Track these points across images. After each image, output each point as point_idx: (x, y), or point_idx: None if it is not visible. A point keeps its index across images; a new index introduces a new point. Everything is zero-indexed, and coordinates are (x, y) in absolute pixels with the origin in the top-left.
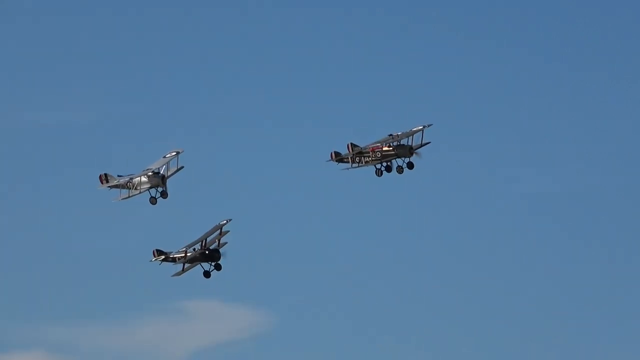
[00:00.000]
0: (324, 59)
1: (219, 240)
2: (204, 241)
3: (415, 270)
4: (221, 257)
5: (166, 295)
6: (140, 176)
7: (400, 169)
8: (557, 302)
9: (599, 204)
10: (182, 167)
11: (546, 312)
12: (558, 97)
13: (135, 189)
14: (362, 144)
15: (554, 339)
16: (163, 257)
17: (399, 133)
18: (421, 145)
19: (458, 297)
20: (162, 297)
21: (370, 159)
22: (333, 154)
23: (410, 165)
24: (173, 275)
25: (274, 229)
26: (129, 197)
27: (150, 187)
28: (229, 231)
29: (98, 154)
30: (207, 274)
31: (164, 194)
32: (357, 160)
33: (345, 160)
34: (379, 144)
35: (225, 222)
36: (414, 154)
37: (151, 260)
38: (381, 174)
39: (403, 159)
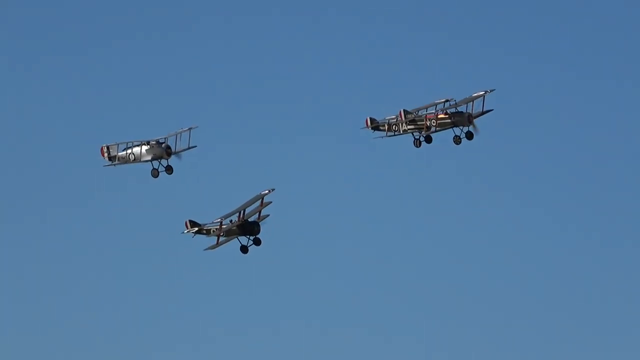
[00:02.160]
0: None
1: (259, 212)
2: (242, 212)
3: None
4: (260, 231)
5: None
6: (142, 145)
7: (457, 140)
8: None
9: None
10: (195, 147)
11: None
12: None
13: (136, 160)
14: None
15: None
16: (197, 228)
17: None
18: (482, 113)
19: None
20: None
21: (423, 126)
22: (368, 120)
23: (470, 136)
24: (206, 249)
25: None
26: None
27: (153, 159)
28: (271, 202)
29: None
30: (244, 249)
31: (168, 169)
32: (394, 129)
33: (381, 127)
34: (433, 112)
35: (267, 191)
36: (473, 124)
37: (183, 232)
38: (420, 144)
39: (461, 128)
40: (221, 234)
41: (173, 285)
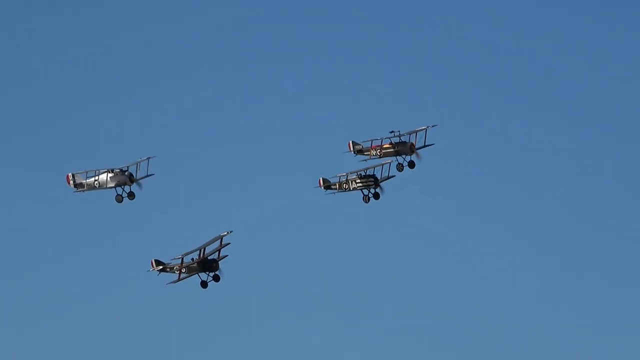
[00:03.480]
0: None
1: (219, 252)
2: (202, 250)
3: None
4: (219, 268)
5: None
6: (107, 173)
7: (400, 167)
8: None
9: None
10: (152, 175)
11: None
12: None
13: (101, 187)
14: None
15: None
16: (161, 267)
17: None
18: (424, 146)
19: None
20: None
21: (369, 156)
22: (321, 181)
23: (411, 165)
24: (168, 283)
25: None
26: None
27: (117, 185)
28: (229, 243)
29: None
30: (204, 284)
31: (131, 195)
32: (345, 187)
33: (333, 187)
34: (379, 140)
35: (226, 233)
36: (415, 153)
37: (149, 271)
38: (368, 200)
39: (404, 156)
40: (183, 270)
41: (138, 316)
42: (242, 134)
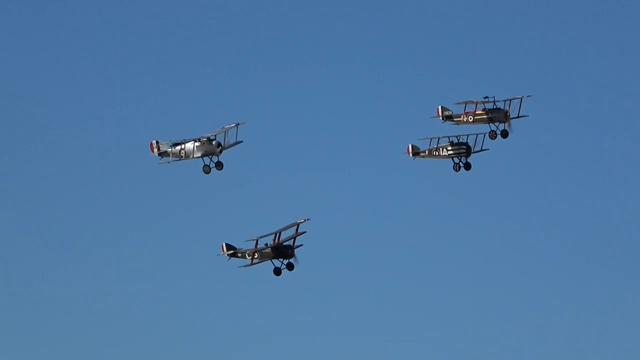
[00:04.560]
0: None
1: (294, 239)
2: (277, 235)
3: None
4: (294, 256)
5: None
6: (193, 142)
7: (493, 135)
8: None
9: None
10: (241, 142)
11: None
12: None
13: (187, 156)
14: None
15: None
16: (232, 252)
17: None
18: (518, 116)
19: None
20: None
21: (460, 122)
22: (410, 147)
23: (505, 134)
24: (240, 267)
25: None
26: (180, 159)
27: (204, 155)
28: (305, 232)
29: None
30: (277, 271)
31: (219, 165)
32: (435, 154)
33: (422, 154)
34: (472, 106)
35: (302, 220)
36: (509, 122)
37: (219, 254)
38: (459, 168)
39: (497, 124)
40: (255, 256)
41: (208, 299)
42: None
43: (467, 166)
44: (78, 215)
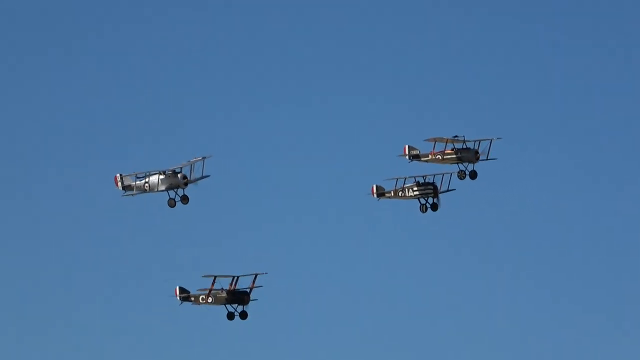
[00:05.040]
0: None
1: (252, 285)
2: (235, 280)
3: None
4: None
5: None
6: (158, 175)
7: (462, 175)
8: None
9: None
10: (208, 176)
11: None
12: None
13: (152, 189)
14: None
15: None
16: (184, 295)
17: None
18: (487, 159)
19: None
20: None
21: (429, 159)
22: (374, 188)
23: (473, 175)
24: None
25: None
26: (144, 192)
27: (169, 188)
28: (261, 286)
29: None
30: (230, 316)
31: (184, 199)
32: (401, 194)
33: (387, 195)
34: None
35: (261, 273)
36: (479, 160)
37: (172, 296)
38: (426, 209)
39: (466, 164)
40: (209, 300)
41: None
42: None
43: (434, 207)
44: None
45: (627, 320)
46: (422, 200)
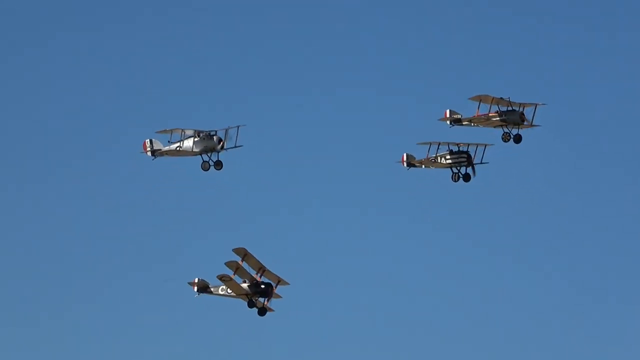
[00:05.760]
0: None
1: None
2: (261, 271)
3: None
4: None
5: None
6: (193, 137)
7: (507, 137)
8: None
9: None
10: (241, 146)
11: None
12: None
13: (185, 153)
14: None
15: None
16: (203, 286)
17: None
18: (531, 125)
19: None
20: None
21: (473, 118)
22: (404, 156)
23: (518, 139)
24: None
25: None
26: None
27: (203, 151)
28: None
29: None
30: (251, 304)
31: (218, 164)
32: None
33: (417, 164)
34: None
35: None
36: (525, 123)
37: (189, 283)
38: (458, 179)
39: (511, 127)
40: (229, 291)
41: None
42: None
43: (467, 177)
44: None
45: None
46: (455, 170)
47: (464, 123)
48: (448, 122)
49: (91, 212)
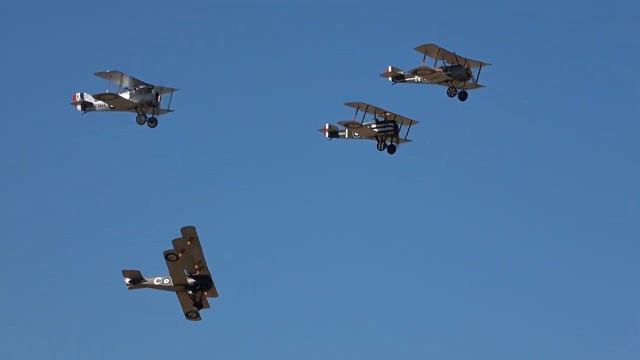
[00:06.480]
0: None
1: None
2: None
3: None
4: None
5: None
6: (129, 91)
7: (452, 92)
8: None
9: None
10: (172, 111)
11: None
12: None
13: (120, 106)
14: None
15: None
16: (133, 281)
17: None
18: (476, 85)
19: None
20: None
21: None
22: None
23: (463, 96)
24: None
25: None
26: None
27: (138, 105)
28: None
29: None
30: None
31: (152, 121)
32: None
33: (407, 79)
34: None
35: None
36: (471, 78)
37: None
38: (384, 148)
39: (456, 84)
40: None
41: None
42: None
43: (392, 149)
44: None
45: None
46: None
47: (407, 80)
48: (390, 78)
49: None
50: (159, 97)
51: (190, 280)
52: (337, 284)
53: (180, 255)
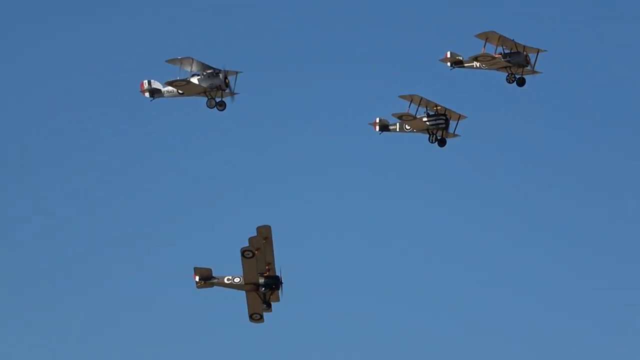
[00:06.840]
0: None
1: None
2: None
3: None
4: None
5: None
6: (197, 76)
7: (511, 78)
8: None
9: None
10: (237, 94)
11: None
12: None
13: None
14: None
15: None
16: (204, 279)
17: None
18: (533, 71)
19: None
20: None
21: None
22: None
23: (521, 82)
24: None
25: None
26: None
27: (208, 89)
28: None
29: None
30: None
31: (221, 104)
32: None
33: (466, 64)
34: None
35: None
36: (529, 65)
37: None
38: (435, 141)
39: (515, 70)
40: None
41: None
42: None
43: (442, 142)
44: None
45: None
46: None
47: (465, 65)
48: (448, 63)
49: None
50: (227, 80)
51: (261, 280)
52: (337, 284)
53: (256, 252)
